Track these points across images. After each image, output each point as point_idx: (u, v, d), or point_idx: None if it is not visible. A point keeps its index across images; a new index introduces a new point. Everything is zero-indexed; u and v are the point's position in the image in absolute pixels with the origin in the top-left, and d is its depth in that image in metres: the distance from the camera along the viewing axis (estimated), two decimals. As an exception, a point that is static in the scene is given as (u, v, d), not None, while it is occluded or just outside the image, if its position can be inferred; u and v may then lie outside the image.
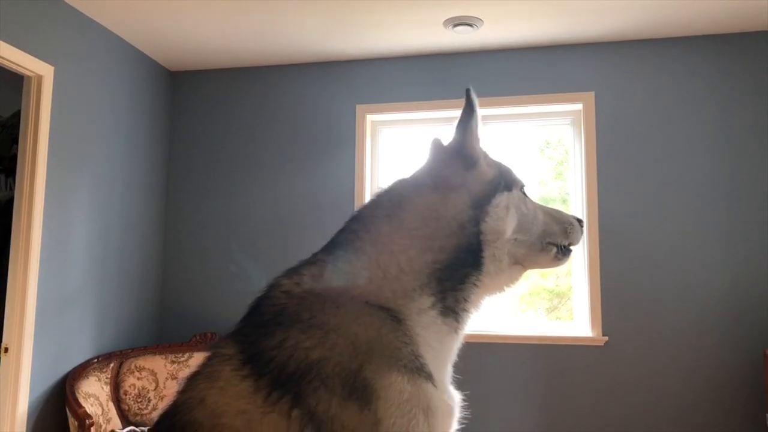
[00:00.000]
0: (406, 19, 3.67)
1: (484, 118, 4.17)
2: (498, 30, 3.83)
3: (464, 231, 1.09)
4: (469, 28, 3.74)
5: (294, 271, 1.06)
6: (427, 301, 1.04)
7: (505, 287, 1.18)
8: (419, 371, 0.95)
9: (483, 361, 3.92)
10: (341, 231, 1.12)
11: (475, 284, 1.10)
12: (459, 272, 1.08)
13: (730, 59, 3.85)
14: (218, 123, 4.52)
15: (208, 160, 4.50)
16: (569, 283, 4.12)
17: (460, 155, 1.14)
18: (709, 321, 3.72)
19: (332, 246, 1.09)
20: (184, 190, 4.52)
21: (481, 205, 1.11)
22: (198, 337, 4.09)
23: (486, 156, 1.19)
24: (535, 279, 4.31)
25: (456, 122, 1.19)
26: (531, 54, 4.09)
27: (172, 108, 4.59)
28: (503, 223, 1.12)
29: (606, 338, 3.80)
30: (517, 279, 1.19)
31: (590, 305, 3.86)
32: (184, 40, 4.04)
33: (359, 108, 4.24)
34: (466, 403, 1.11)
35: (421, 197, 1.11)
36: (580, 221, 1.27)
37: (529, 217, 1.17)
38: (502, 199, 1.13)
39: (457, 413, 1.04)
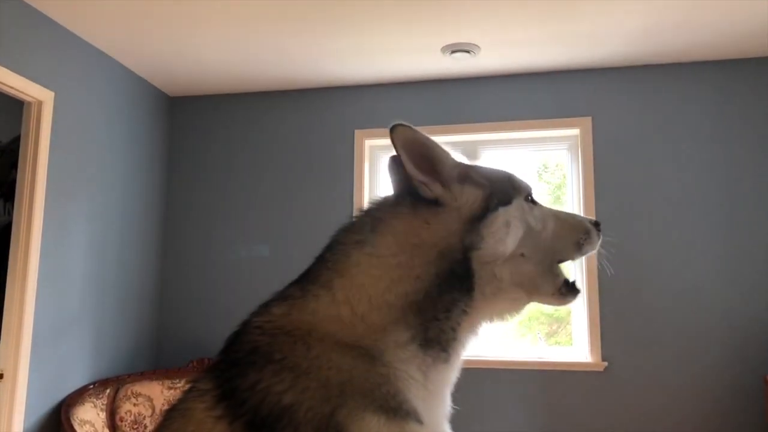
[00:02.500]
0: (404, 46, 3.71)
1: (481, 143, 4.21)
2: (495, 56, 3.87)
3: (447, 257, 0.99)
4: (466, 54, 3.77)
5: (265, 307, 0.99)
6: (403, 335, 0.96)
7: (506, 314, 1.08)
8: (397, 410, 0.89)
9: (481, 386, 3.89)
10: (316, 260, 1.04)
11: (464, 311, 1.01)
12: (442, 300, 0.99)
13: (727, 85, 3.88)
14: (217, 148, 4.54)
15: (206, 186, 4.51)
16: (568, 308, 4.11)
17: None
18: (710, 346, 3.70)
19: (303, 279, 1.02)
20: (183, 216, 4.52)
21: (472, 227, 1.01)
22: (194, 363, 4.06)
23: (473, 170, 1.07)
24: (533, 304, 4.30)
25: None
26: (528, 79, 4.13)
27: (171, 133, 4.61)
28: (503, 244, 1.02)
29: (605, 364, 3.77)
30: (519, 305, 1.09)
31: (589, 330, 3.84)
32: (184, 65, 4.07)
33: (358, 133, 4.26)
34: (460, 427, 1.05)
35: (398, 219, 1.01)
36: (597, 225, 1.14)
37: (538, 229, 1.07)
38: (497, 217, 1.02)
39: None
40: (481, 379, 3.89)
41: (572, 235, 1.11)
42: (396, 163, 1.05)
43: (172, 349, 4.32)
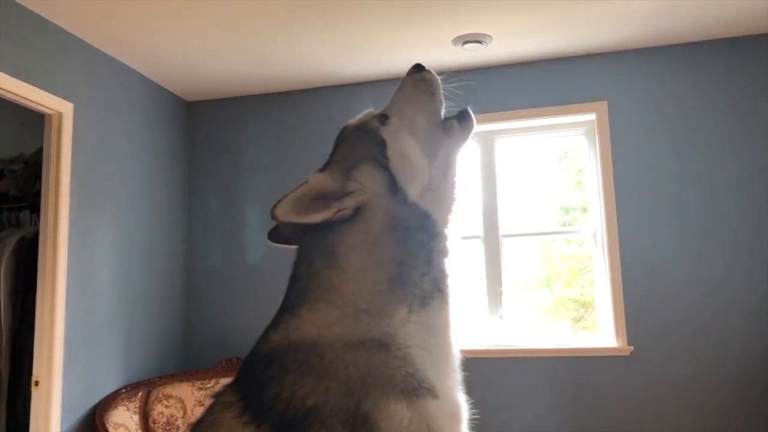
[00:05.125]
0: (416, 39, 3.71)
1: (497, 132, 4.20)
2: (507, 45, 3.86)
3: (401, 226, 1.07)
4: (478, 45, 3.77)
5: (265, 337, 1.03)
6: (402, 310, 1.02)
7: (452, 198, 1.15)
8: (417, 390, 0.94)
9: (508, 374, 3.90)
10: (289, 292, 1.08)
11: (439, 249, 1.08)
12: (419, 258, 1.06)
13: (744, 62, 3.83)
14: (236, 150, 4.58)
15: (227, 188, 4.56)
16: (593, 293, 4.10)
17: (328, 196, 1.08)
18: (738, 328, 3.67)
19: (289, 307, 1.05)
20: (205, 219, 4.57)
21: (392, 189, 1.08)
22: (223, 363, 4.11)
23: (340, 158, 1.14)
24: (560, 290, 4.30)
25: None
26: (542, 66, 4.11)
27: (190, 138, 4.65)
28: (418, 167, 1.10)
29: (631, 348, 3.76)
30: (454, 179, 1.16)
31: (614, 315, 3.83)
32: (199, 70, 4.11)
33: (374, 129, 4.27)
34: (491, 418, 1.08)
35: (347, 236, 1.07)
36: (417, 68, 1.24)
37: (411, 126, 1.15)
38: (394, 163, 1.10)
39: (463, 417, 1.02)
40: (508, 367, 3.91)
41: (421, 95, 1.21)
42: (290, 228, 1.11)
43: (201, 350, 4.37)
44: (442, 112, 1.23)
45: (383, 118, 1.18)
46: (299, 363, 0.96)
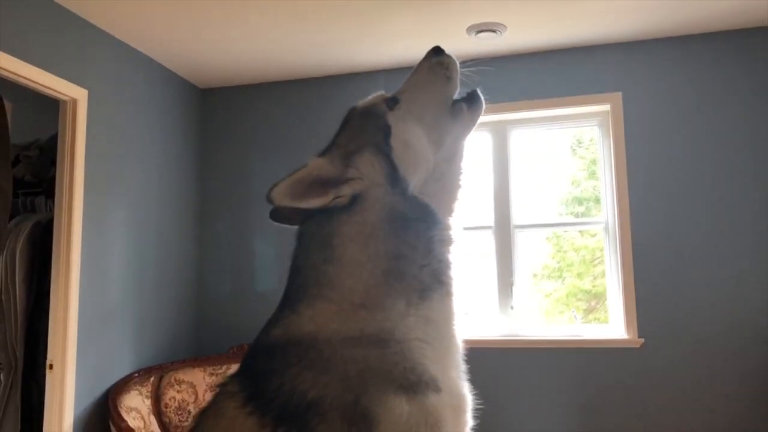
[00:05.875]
0: (429, 28, 3.70)
1: (511, 122, 4.18)
2: (521, 34, 3.84)
3: (399, 218, 1.05)
4: (492, 34, 3.75)
5: (266, 332, 1.04)
6: (400, 303, 1.01)
7: (457, 185, 1.14)
8: (417, 385, 0.94)
9: (518, 365, 3.91)
10: (288, 286, 1.08)
11: (440, 240, 1.06)
12: (419, 250, 1.05)
13: (760, 54, 3.78)
14: (248, 137, 4.59)
15: (239, 175, 4.57)
16: (605, 284, 4.09)
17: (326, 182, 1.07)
18: (749, 322, 3.65)
19: (288, 302, 1.06)
20: (218, 205, 4.59)
21: (392, 179, 1.06)
22: (235, 349, 4.14)
23: (341, 143, 1.14)
24: (571, 280, 4.29)
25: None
26: (555, 56, 4.08)
27: (203, 125, 4.67)
28: (421, 158, 1.09)
29: (642, 340, 3.75)
30: (460, 165, 1.15)
31: (625, 307, 3.82)
32: (213, 57, 4.12)
33: (386, 117, 4.26)
34: (501, 409, 1.08)
35: (344, 226, 1.06)
36: (435, 51, 1.21)
37: (420, 112, 1.13)
38: (396, 152, 1.08)
39: (467, 408, 1.02)
40: (519, 358, 3.91)
41: (436, 80, 1.18)
42: (289, 211, 1.10)
43: (213, 336, 4.41)
44: (455, 96, 1.20)
45: (393, 101, 1.15)
46: (299, 357, 0.96)
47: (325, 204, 1.05)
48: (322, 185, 1.07)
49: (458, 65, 1.21)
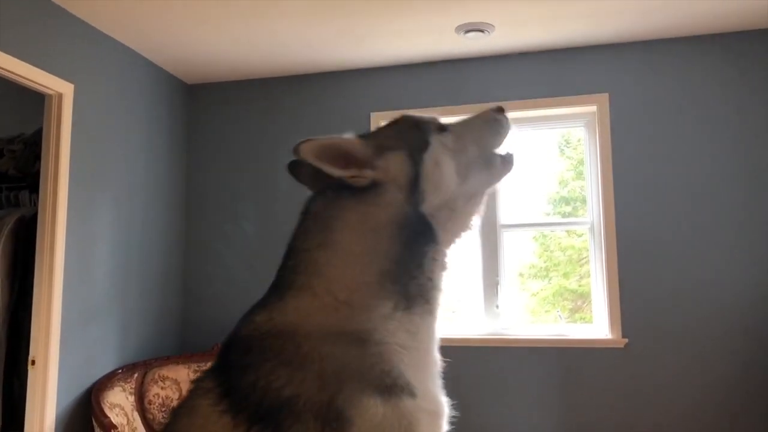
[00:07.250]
0: (418, 27, 3.70)
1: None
2: (509, 35, 3.85)
3: (406, 225, 1.05)
4: (480, 33, 3.76)
5: (248, 317, 1.04)
6: (387, 306, 1.01)
7: (465, 231, 1.14)
8: (392, 388, 0.94)
9: (501, 364, 3.92)
10: (282, 269, 1.09)
11: (434, 258, 1.07)
12: (413, 260, 1.05)
13: (745, 57, 3.82)
14: (236, 134, 4.57)
15: (226, 172, 4.56)
16: (589, 284, 4.11)
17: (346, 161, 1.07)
18: (733, 322, 3.68)
19: (277, 287, 1.06)
20: (204, 202, 4.57)
21: (413, 187, 1.07)
22: (218, 347, 4.12)
23: (381, 136, 1.14)
24: (557, 280, 4.31)
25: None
26: (543, 57, 4.10)
27: (190, 120, 4.65)
28: (444, 184, 1.09)
29: (626, 340, 3.78)
30: (476, 213, 1.16)
31: (609, 307, 3.84)
32: (201, 53, 4.10)
33: (374, 116, 4.27)
34: (485, 407, 1.09)
35: (349, 212, 1.07)
36: (500, 109, 1.24)
37: (462, 149, 1.14)
38: (426, 166, 1.09)
39: (443, 414, 1.02)
40: (503, 356, 3.92)
41: (488, 131, 1.21)
42: (307, 170, 1.12)
43: (198, 332, 4.39)
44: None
45: (442, 128, 1.17)
46: (276, 352, 0.96)
47: (343, 176, 1.06)
48: (347, 161, 1.07)
49: (511, 127, 1.25)
